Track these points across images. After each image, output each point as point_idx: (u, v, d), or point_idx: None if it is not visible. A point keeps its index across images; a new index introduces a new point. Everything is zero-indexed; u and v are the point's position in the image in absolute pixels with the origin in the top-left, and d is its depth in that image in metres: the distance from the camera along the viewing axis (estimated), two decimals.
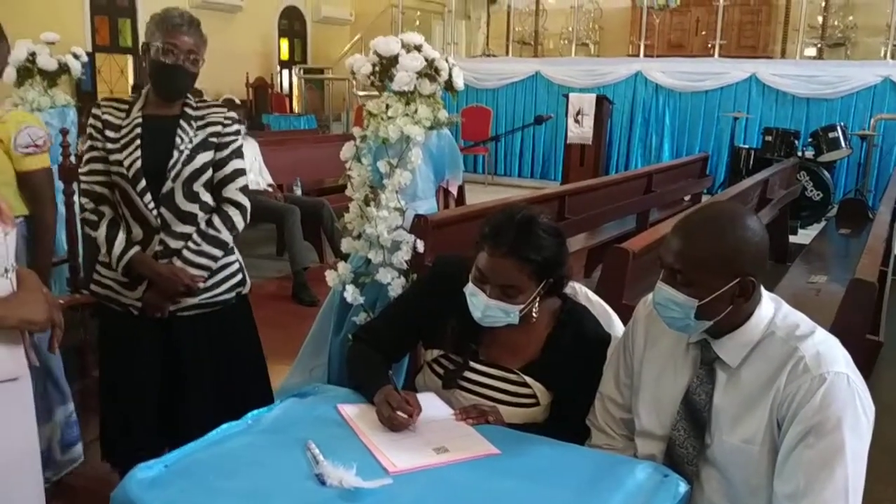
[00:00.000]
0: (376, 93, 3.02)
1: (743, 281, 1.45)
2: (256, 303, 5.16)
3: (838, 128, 7.75)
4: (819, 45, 10.17)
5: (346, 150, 2.95)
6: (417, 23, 11.96)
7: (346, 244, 2.99)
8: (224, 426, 1.55)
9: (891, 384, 3.96)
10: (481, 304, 1.70)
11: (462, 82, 3.00)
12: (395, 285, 2.82)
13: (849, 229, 6.00)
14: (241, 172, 2.29)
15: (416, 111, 2.83)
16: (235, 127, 2.29)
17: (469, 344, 1.81)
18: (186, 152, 2.17)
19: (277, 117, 11.40)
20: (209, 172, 2.23)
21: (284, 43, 13.44)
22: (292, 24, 13.49)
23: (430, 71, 2.86)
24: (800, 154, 7.81)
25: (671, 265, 1.48)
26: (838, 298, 2.43)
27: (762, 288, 1.51)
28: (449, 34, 11.88)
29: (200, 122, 2.23)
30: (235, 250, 2.39)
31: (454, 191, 3.68)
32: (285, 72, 13.43)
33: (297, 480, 1.37)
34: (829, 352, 1.44)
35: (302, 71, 13.07)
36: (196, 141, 2.20)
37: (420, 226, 2.84)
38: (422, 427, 1.60)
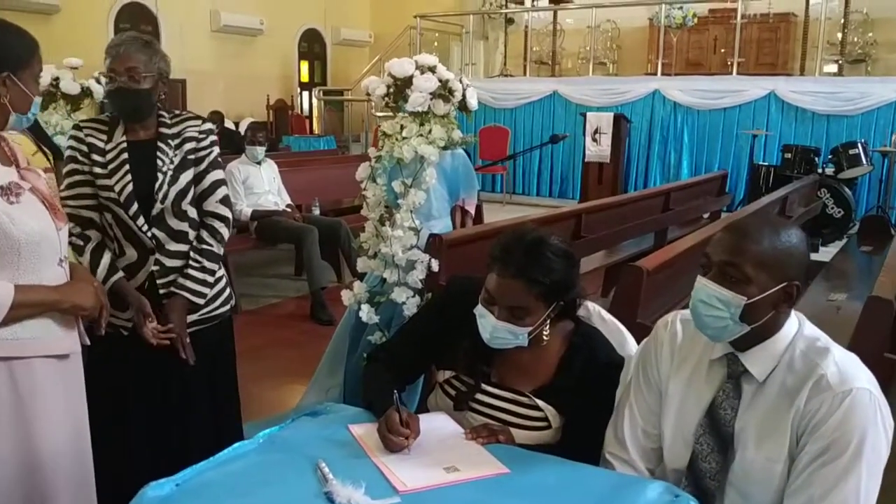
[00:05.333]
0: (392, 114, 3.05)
1: (789, 286, 1.46)
2: (275, 322, 5.25)
3: (859, 144, 7.67)
4: (839, 62, 10.09)
5: (362, 171, 2.97)
6: (436, 44, 12.04)
7: (361, 263, 3.01)
8: (236, 445, 1.56)
9: None
10: (489, 326, 1.70)
11: (476, 102, 3.02)
12: (410, 304, 2.83)
13: (871, 246, 5.94)
14: (219, 184, 2.31)
15: (430, 131, 2.85)
16: (211, 138, 2.31)
17: (481, 366, 1.81)
18: (170, 174, 2.20)
19: (297, 138, 11.52)
20: (192, 189, 2.26)
21: (304, 65, 13.59)
22: (312, 46, 13.65)
23: (443, 91, 2.89)
24: (820, 171, 7.74)
25: (725, 261, 1.47)
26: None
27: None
28: (467, 55, 11.96)
29: (177, 140, 2.24)
30: (222, 266, 2.41)
31: (472, 210, 3.70)
32: (305, 93, 13.58)
33: (306, 499, 1.37)
34: (850, 368, 1.44)
35: (321, 92, 13.19)
36: (176, 161, 2.22)
37: (435, 245, 2.85)
38: (432, 446, 1.60)
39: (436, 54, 3.08)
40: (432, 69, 2.90)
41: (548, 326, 1.76)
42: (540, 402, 1.76)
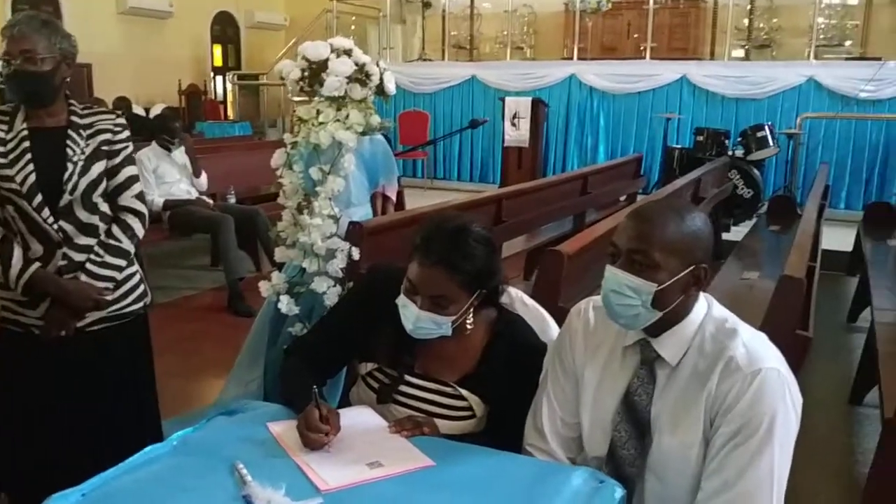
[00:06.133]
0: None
1: (697, 269, 1.47)
2: (191, 315, 5.10)
3: (766, 127, 7.96)
4: (746, 47, 10.41)
5: (277, 157, 2.88)
6: (353, 27, 11.88)
7: (279, 253, 2.93)
8: (148, 448, 1.48)
9: (821, 378, 4.08)
10: (412, 316, 1.66)
11: (393, 87, 2.96)
12: (331, 294, 2.76)
13: (779, 226, 6.15)
14: (134, 179, 2.24)
15: (347, 116, 2.78)
16: (126, 133, 2.22)
17: (404, 357, 1.77)
18: (81, 163, 2.10)
19: (211, 124, 11.20)
20: (105, 182, 2.17)
21: (217, 49, 13.23)
22: (225, 29, 13.29)
23: (360, 76, 2.82)
24: (730, 153, 7.98)
25: (633, 248, 1.46)
26: (771, 293, 2.46)
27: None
28: (384, 39, 11.83)
29: (90, 131, 2.14)
30: (135, 261, 2.33)
31: (393, 196, 3.65)
32: (219, 78, 13.23)
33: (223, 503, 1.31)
34: (758, 348, 1.46)
35: (236, 77, 12.87)
36: (88, 151, 2.12)
37: (355, 233, 2.80)
38: (355, 441, 1.56)
39: (353, 38, 3.01)
40: (348, 52, 2.82)
41: (471, 315, 1.74)
42: (464, 392, 1.74)
